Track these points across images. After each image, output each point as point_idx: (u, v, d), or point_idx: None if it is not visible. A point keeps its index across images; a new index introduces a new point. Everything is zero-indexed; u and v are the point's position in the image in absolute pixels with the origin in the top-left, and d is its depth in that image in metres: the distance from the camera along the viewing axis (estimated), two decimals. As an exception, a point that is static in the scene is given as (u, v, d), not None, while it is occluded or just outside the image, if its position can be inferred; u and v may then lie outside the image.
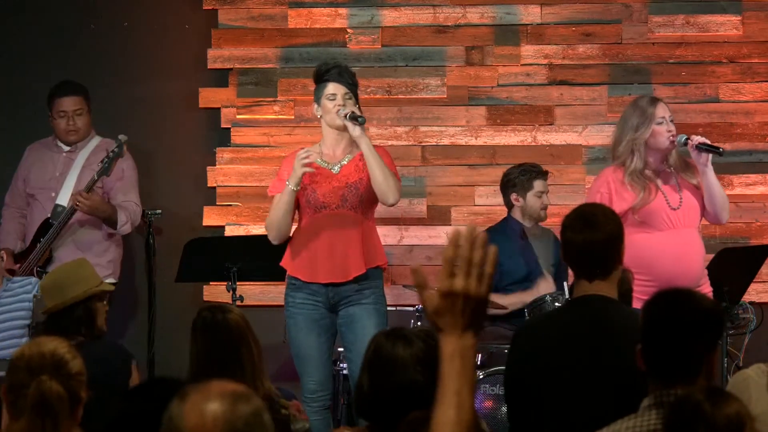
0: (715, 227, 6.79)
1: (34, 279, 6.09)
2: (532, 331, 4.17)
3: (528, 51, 7.31)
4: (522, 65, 7.31)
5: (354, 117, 5.61)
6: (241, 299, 6.25)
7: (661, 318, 3.25)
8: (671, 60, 7.28)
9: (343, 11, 7.37)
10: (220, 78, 7.39)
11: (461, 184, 7.31)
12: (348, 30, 7.37)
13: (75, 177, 6.73)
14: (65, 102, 6.77)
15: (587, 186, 7.12)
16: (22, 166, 6.92)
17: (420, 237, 7.30)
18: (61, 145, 6.84)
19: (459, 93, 7.32)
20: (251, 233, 7.15)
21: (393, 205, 5.80)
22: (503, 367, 4.30)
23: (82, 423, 3.43)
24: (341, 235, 5.66)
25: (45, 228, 6.64)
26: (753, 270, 6.30)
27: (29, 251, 6.62)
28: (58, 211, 6.64)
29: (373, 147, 5.65)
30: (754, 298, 6.75)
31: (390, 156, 5.79)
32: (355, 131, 5.61)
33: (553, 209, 6.69)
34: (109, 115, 7.17)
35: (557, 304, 5.86)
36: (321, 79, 5.77)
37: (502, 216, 6.82)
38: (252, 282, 6.84)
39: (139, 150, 7.02)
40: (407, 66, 7.35)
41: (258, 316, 6.05)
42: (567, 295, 5.70)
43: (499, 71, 7.31)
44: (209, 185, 7.36)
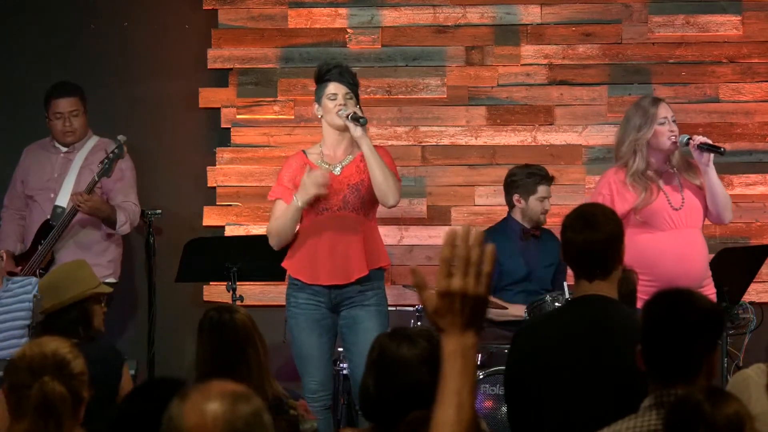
0: (715, 227, 6.78)
1: (34, 279, 6.06)
2: (532, 331, 4.17)
3: (528, 51, 7.30)
4: (522, 65, 7.31)
5: (356, 118, 5.60)
6: (241, 299, 6.24)
7: (661, 318, 3.25)
8: (671, 60, 7.28)
9: (343, 11, 7.37)
10: (220, 78, 7.39)
11: (461, 184, 7.31)
12: (348, 30, 7.37)
13: (74, 178, 6.73)
14: (61, 103, 6.77)
15: (587, 186, 7.13)
16: (19, 167, 6.92)
17: (420, 237, 7.30)
18: (59, 146, 6.84)
19: (459, 93, 7.31)
20: (251, 233, 7.15)
21: (393, 207, 5.79)
22: (503, 367, 4.30)
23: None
24: (343, 238, 5.65)
25: (45, 229, 6.63)
26: (753, 270, 6.31)
27: (30, 253, 6.61)
28: (57, 213, 6.64)
29: (374, 148, 5.66)
30: (754, 298, 6.76)
31: (390, 156, 5.78)
32: (357, 132, 5.60)
33: (553, 209, 6.69)
34: (109, 115, 7.17)
35: (557, 304, 5.86)
36: (322, 79, 5.76)
37: (502, 216, 6.82)
38: (252, 282, 6.84)
39: (139, 150, 7.02)
40: (407, 66, 7.35)
41: (258, 316, 5.97)
42: (567, 295, 5.70)
43: (499, 71, 7.31)
44: (209, 185, 7.36)
